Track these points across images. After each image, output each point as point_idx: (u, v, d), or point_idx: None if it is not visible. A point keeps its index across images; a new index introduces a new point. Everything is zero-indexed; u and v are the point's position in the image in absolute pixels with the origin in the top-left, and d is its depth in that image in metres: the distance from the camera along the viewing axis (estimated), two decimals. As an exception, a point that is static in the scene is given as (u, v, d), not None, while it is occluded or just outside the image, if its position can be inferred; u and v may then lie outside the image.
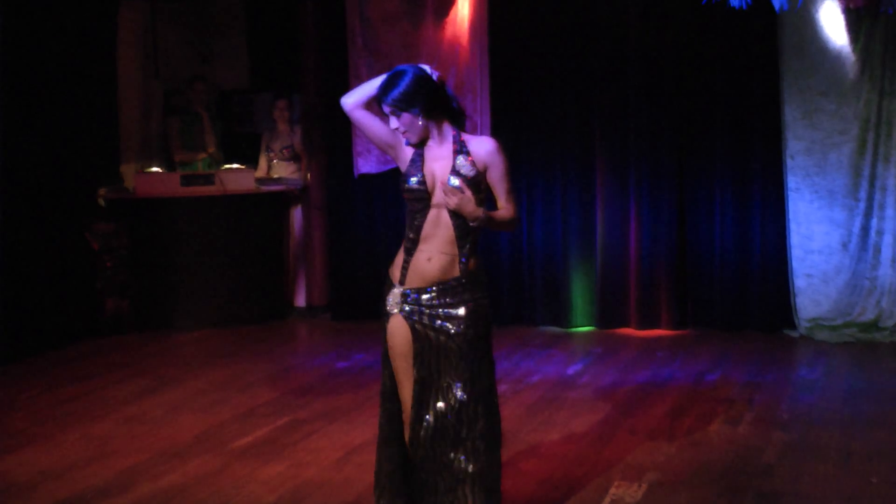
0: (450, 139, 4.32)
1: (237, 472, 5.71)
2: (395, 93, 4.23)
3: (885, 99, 8.59)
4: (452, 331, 4.25)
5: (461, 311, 4.27)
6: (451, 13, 9.37)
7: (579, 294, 9.40)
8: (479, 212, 4.20)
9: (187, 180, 9.72)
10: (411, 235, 4.31)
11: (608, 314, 9.33)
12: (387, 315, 4.36)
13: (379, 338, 4.50)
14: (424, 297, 4.27)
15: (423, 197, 4.28)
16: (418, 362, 4.27)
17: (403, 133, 4.29)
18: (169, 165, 10.50)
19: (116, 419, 6.83)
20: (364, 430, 6.37)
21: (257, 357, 8.63)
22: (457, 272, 4.28)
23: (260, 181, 10.10)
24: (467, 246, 4.28)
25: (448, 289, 4.27)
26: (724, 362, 8.02)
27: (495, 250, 9.39)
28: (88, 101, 9.64)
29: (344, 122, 9.75)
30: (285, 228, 10.42)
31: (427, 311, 4.27)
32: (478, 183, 4.26)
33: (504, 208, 4.33)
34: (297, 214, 10.44)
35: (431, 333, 4.27)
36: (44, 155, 9.06)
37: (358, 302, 9.93)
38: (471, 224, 4.22)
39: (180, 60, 11.24)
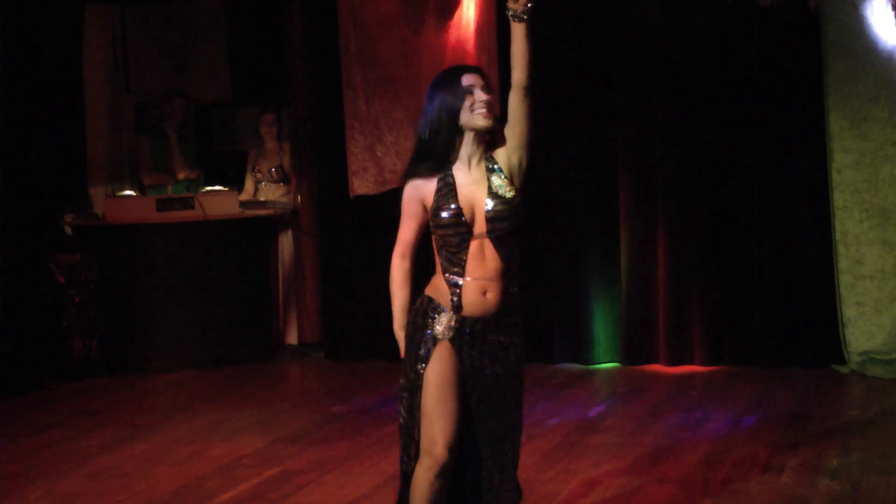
0: (484, 159, 4.35)
1: (219, 532, 5.73)
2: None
3: (943, 105, 8.61)
4: (499, 373, 4.32)
5: (511, 353, 4.35)
6: (456, 16, 9.40)
7: (602, 327, 9.40)
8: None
9: (163, 205, 9.74)
10: (458, 272, 4.30)
11: (634, 349, 9.32)
12: (431, 341, 4.30)
13: (380, 378, 4.52)
14: (479, 328, 4.30)
15: (462, 230, 4.27)
16: (461, 395, 4.28)
17: (487, 108, 4.29)
18: (141, 188, 10.54)
19: (85, 473, 6.82)
20: (362, 482, 6.36)
21: (242, 401, 8.64)
22: (512, 307, 4.36)
23: (245, 204, 10.12)
24: (514, 275, 4.34)
25: (504, 326, 4.34)
26: (764, 402, 8.00)
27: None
28: (51, 117, 9.65)
29: (337, 138, 9.82)
30: (273, 257, 10.44)
31: (478, 344, 4.30)
32: (516, 206, 4.29)
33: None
34: (286, 241, 10.47)
35: (478, 373, 4.30)
36: (2, 177, 9.06)
37: (355, 339, 9.94)
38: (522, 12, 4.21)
39: (153, 71, 11.29)
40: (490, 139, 4.38)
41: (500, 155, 4.35)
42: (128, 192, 10.20)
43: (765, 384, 8.52)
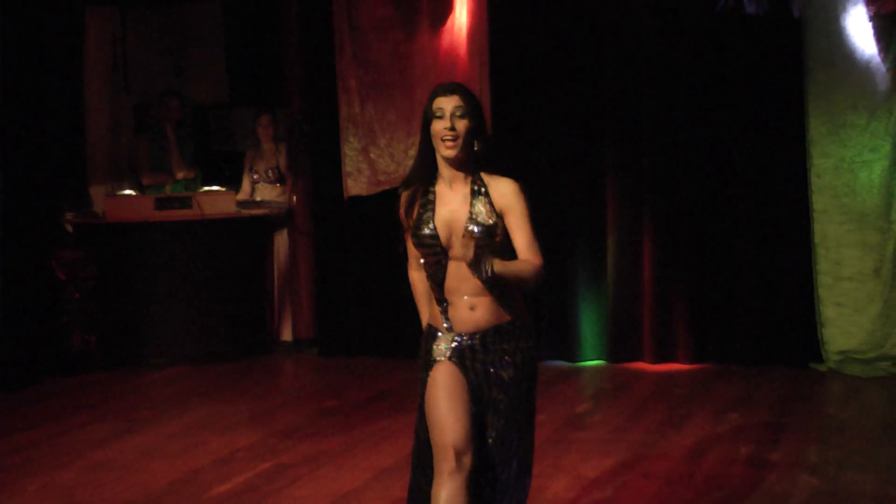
0: (469, 179, 4.14)
1: (214, 524, 5.69)
2: (470, 94, 4.14)
3: (919, 112, 8.61)
4: (506, 380, 4.13)
5: (517, 359, 4.15)
6: (449, 21, 9.38)
7: (588, 325, 9.38)
8: (486, 264, 3.95)
9: (162, 203, 9.71)
10: (439, 290, 4.15)
11: (620, 347, 9.30)
12: (431, 363, 4.17)
13: (372, 374, 4.42)
14: (476, 341, 4.13)
15: (438, 250, 4.12)
16: (469, 405, 4.09)
17: (452, 139, 4.05)
18: (140, 187, 10.49)
19: (83, 466, 6.78)
20: (354, 476, 6.33)
21: (237, 396, 8.61)
22: (508, 315, 4.15)
23: (241, 204, 10.09)
24: (504, 290, 4.12)
25: (503, 333, 4.14)
26: (746, 400, 7.98)
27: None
28: (52, 117, 9.62)
29: (332, 139, 9.80)
30: (269, 256, 10.41)
31: (480, 356, 4.13)
32: (495, 233, 4.07)
33: (525, 261, 4.11)
34: (281, 240, 10.43)
35: (484, 385, 4.12)
36: (3, 175, 9.01)
37: (348, 335, 9.91)
38: (481, 278, 4.00)
39: (153, 73, 11.25)
40: (476, 162, 4.15)
41: (496, 189, 4.13)
42: (127, 192, 10.16)
43: (747, 382, 8.51)
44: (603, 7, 9.17)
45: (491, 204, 4.10)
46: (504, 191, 4.12)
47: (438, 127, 4.08)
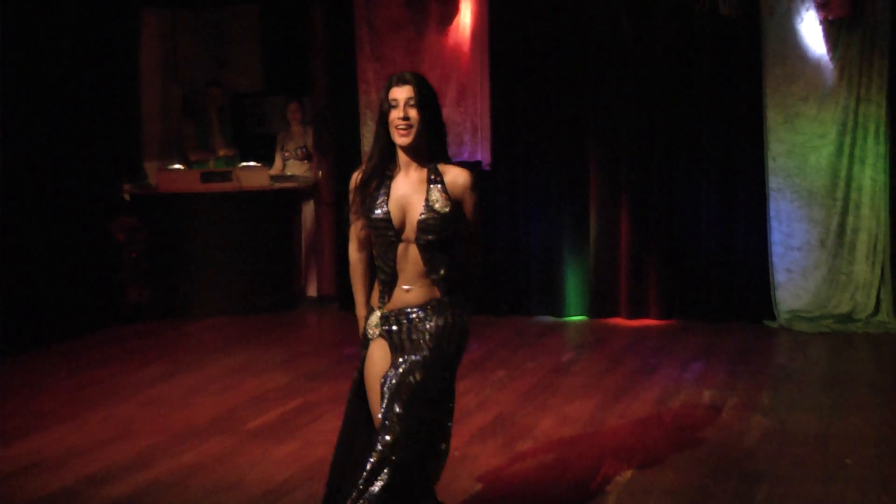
0: (425, 168, 3.91)
1: (251, 452, 5.70)
2: (424, 84, 3.87)
3: (861, 104, 8.57)
4: (427, 338, 3.89)
5: (440, 322, 3.90)
6: (454, 22, 9.35)
7: (572, 286, 9.39)
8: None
9: (207, 177, 9.72)
10: (387, 270, 3.96)
11: (600, 305, 9.31)
12: (367, 341, 4.03)
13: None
14: (403, 314, 3.95)
15: (390, 233, 3.90)
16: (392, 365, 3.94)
17: (406, 127, 3.82)
18: (188, 163, 10.50)
19: (137, 401, 6.83)
20: (370, 413, 6.35)
21: (270, 344, 8.63)
22: (437, 294, 3.94)
23: (274, 178, 10.10)
24: (442, 276, 3.93)
25: (429, 307, 3.93)
26: (708, 351, 8.00)
27: (493, 245, 9.37)
28: (112, 102, 9.64)
29: (352, 124, 9.79)
30: (297, 222, 10.41)
31: (406, 324, 3.93)
32: (449, 222, 3.88)
33: (469, 260, 4.03)
34: (308, 210, 10.43)
35: (408, 344, 3.91)
36: (70, 152, 9.04)
37: (365, 292, 9.89)
38: None
39: (198, 65, 11.23)
40: (431, 152, 3.91)
41: (451, 179, 3.91)
42: (177, 166, 10.16)
43: (709, 336, 8.51)
44: (586, 12, 9.13)
45: (447, 192, 3.88)
46: (459, 181, 3.91)
47: (392, 116, 3.84)
